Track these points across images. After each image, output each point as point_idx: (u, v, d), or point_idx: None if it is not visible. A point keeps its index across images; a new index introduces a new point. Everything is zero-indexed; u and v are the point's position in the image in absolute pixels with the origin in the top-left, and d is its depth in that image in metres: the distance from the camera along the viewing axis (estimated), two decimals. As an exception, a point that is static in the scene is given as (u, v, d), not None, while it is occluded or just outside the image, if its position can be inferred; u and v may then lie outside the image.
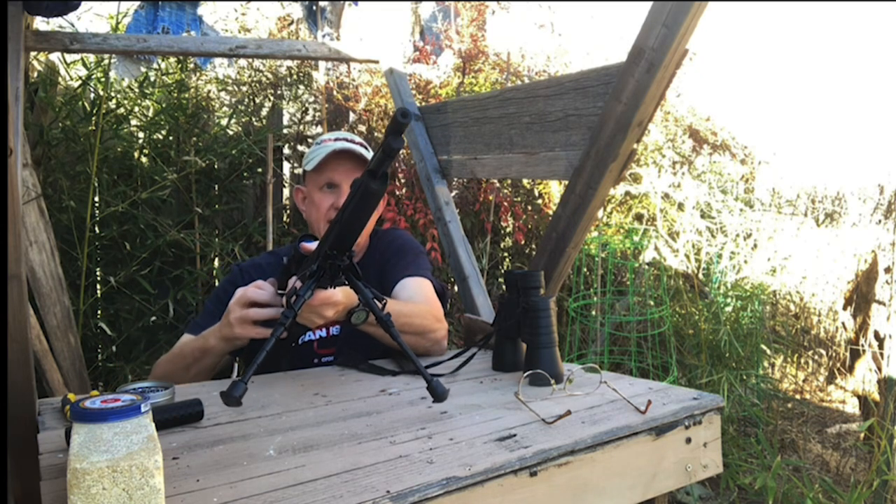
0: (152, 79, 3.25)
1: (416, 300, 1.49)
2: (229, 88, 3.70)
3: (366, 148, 1.59)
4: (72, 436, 0.70)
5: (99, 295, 2.93)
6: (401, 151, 3.47)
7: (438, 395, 1.04)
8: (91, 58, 3.00)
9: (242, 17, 3.92)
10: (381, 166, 0.96)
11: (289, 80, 3.70)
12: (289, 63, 3.65)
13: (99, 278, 2.97)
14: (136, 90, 3.18)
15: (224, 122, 3.50)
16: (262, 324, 1.26)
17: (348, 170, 1.54)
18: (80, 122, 2.89)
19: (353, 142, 1.58)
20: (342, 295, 1.20)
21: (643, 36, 1.34)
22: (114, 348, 2.90)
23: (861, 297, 3.79)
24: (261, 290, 1.28)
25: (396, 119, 0.90)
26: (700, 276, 3.50)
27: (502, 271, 3.74)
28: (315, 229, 1.59)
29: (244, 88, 3.68)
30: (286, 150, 3.55)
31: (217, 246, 3.09)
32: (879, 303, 3.61)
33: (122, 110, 3.14)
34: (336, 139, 1.58)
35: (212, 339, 1.34)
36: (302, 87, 3.70)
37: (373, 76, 3.56)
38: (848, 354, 3.92)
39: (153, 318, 2.95)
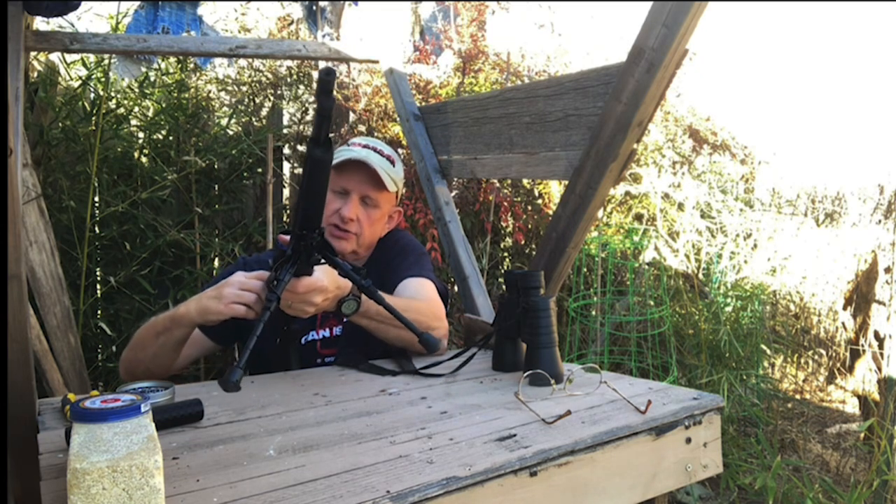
0: (152, 79, 3.25)
1: (417, 299, 1.49)
2: (229, 88, 3.70)
3: (392, 163, 1.59)
4: (72, 436, 0.70)
5: (99, 295, 2.93)
6: (400, 150, 3.47)
7: (431, 345, 1.04)
8: (91, 58, 3.00)
9: (242, 17, 3.92)
10: (320, 130, 0.95)
11: (289, 80, 3.70)
12: (289, 63, 3.65)
13: (99, 278, 2.97)
14: (136, 90, 3.18)
15: (224, 122, 3.50)
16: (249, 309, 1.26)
17: (361, 182, 1.53)
18: (80, 122, 2.89)
19: (381, 153, 1.57)
20: (328, 280, 1.20)
21: (643, 36, 1.34)
22: (114, 348, 2.89)
23: (861, 297, 3.79)
24: (256, 280, 1.27)
25: (321, 77, 0.90)
26: (700, 276, 3.50)
27: (502, 271, 3.74)
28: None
29: (244, 88, 3.67)
30: (286, 150, 3.55)
31: (217, 246, 3.09)
32: (879, 303, 3.61)
33: (122, 110, 3.14)
34: (364, 146, 1.57)
35: (183, 308, 1.32)
36: (302, 87, 3.70)
37: (373, 76, 3.56)
38: (848, 354, 3.92)
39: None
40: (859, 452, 3.23)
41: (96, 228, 2.90)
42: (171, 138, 3.16)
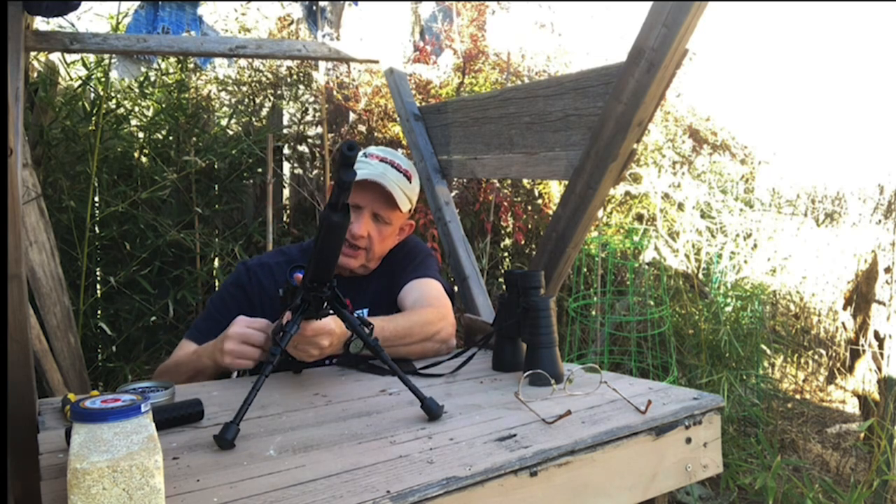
0: (152, 79, 3.25)
1: (421, 302, 1.50)
2: (229, 88, 3.70)
3: (409, 178, 1.57)
4: (72, 436, 0.70)
5: (99, 295, 2.93)
6: (399, 151, 3.46)
7: (433, 412, 1.04)
8: (91, 58, 3.00)
9: (242, 17, 3.92)
10: (338, 199, 0.98)
11: (289, 80, 3.70)
12: (289, 63, 3.65)
13: (99, 278, 2.97)
14: (136, 90, 3.18)
15: (224, 122, 3.50)
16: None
17: (374, 199, 1.53)
18: (80, 122, 2.89)
19: (398, 168, 1.56)
20: (335, 324, 1.21)
21: (643, 36, 1.34)
22: (114, 348, 2.89)
23: (861, 297, 3.79)
24: (258, 332, 1.30)
25: (343, 152, 0.92)
26: (700, 276, 3.50)
27: (502, 271, 3.74)
28: None
29: (244, 88, 3.68)
30: (286, 150, 3.55)
31: (217, 246, 3.09)
32: (879, 303, 3.61)
33: (122, 110, 3.14)
34: (382, 159, 1.56)
35: (205, 359, 1.37)
36: (302, 87, 3.70)
37: (373, 76, 3.56)
38: (848, 354, 3.92)
39: (153, 318, 2.95)
40: (859, 452, 3.23)
41: (96, 228, 2.90)
42: (171, 138, 3.16)
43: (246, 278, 1.58)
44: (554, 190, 3.75)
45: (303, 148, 3.62)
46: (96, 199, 2.89)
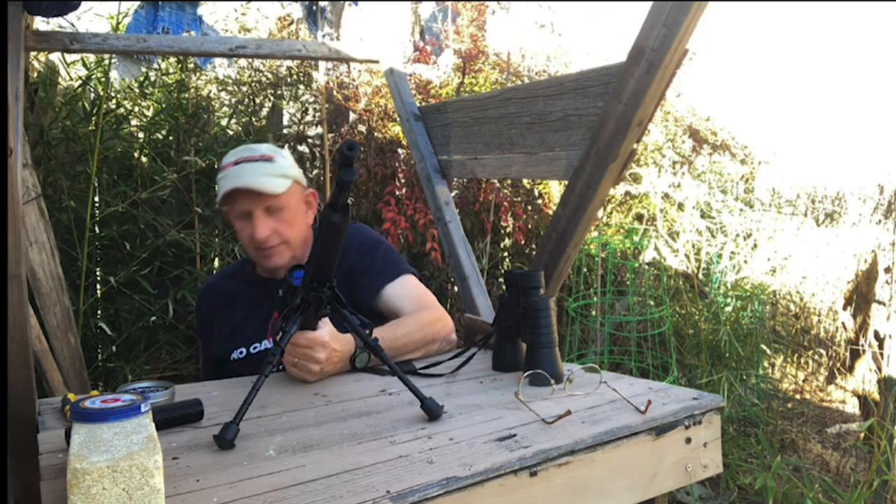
0: (152, 79, 3.25)
1: (411, 305, 1.50)
2: (229, 88, 3.70)
3: (269, 160, 1.52)
4: (72, 436, 0.71)
5: (99, 295, 2.93)
6: (400, 150, 3.45)
7: (433, 412, 1.04)
8: (91, 58, 3.00)
9: (242, 17, 3.92)
10: (338, 199, 0.98)
11: (289, 80, 3.70)
12: (289, 63, 3.65)
13: (99, 278, 2.97)
14: (136, 90, 3.18)
15: (224, 122, 3.50)
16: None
17: (252, 200, 1.49)
18: (80, 122, 2.89)
19: (252, 160, 1.51)
20: (330, 337, 1.21)
21: (643, 36, 1.34)
22: (114, 348, 2.89)
23: (861, 297, 3.79)
24: None
25: (343, 153, 0.92)
26: (700, 276, 3.50)
27: (502, 271, 3.74)
28: (246, 252, 1.64)
29: (244, 88, 3.67)
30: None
31: (217, 246, 3.09)
32: (879, 303, 3.61)
33: (122, 110, 3.14)
34: (235, 163, 1.51)
35: None
36: (302, 87, 3.70)
37: (373, 76, 3.56)
38: (848, 354, 3.92)
39: (153, 318, 2.94)
40: (859, 452, 3.23)
41: (96, 228, 2.89)
42: (171, 138, 3.16)
43: (203, 309, 1.69)
44: (554, 190, 3.75)
45: (303, 148, 3.62)
46: (96, 199, 2.89)
